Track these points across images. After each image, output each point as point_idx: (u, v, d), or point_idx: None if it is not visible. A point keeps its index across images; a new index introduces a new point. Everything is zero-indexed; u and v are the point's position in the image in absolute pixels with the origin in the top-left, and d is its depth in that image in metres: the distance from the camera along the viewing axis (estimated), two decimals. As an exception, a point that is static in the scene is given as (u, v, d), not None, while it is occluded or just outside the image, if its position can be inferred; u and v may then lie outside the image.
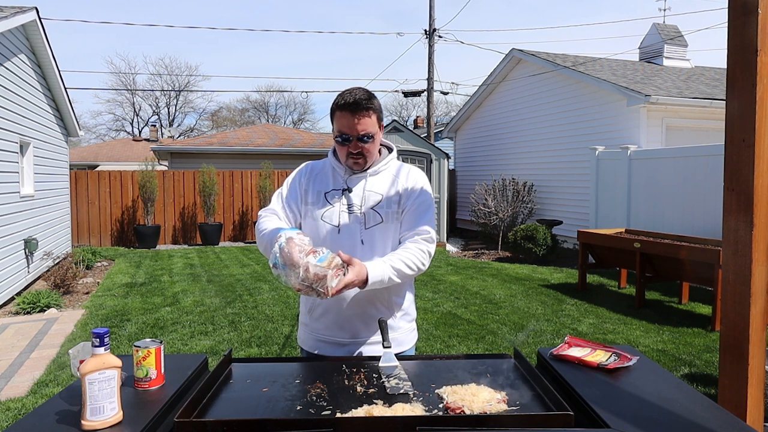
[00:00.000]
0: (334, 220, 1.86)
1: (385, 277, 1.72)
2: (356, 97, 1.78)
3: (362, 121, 1.79)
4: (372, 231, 1.84)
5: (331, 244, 1.82)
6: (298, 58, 66.17)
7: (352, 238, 1.84)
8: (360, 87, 1.84)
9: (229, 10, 62.95)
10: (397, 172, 1.93)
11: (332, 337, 1.91)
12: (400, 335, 1.92)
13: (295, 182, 1.97)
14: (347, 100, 1.78)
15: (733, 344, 1.68)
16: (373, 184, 1.88)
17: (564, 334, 4.99)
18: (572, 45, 62.71)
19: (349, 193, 1.87)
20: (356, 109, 1.77)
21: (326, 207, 1.87)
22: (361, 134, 1.79)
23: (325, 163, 1.98)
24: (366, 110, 1.79)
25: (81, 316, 6.08)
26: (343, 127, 1.80)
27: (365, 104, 1.78)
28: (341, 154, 1.86)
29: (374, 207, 1.85)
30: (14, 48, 7.47)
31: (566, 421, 1.23)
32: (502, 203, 10.99)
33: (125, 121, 42.77)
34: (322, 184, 1.92)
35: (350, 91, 1.81)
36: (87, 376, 1.23)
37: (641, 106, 9.20)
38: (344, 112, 1.78)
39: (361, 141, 1.80)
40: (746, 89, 1.60)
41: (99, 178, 12.39)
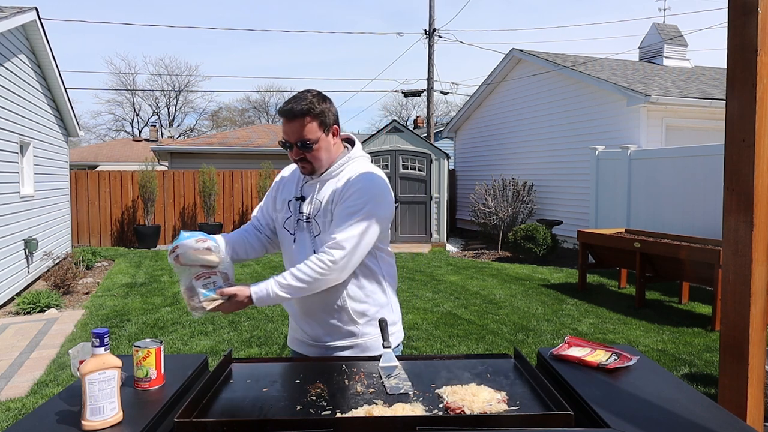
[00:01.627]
0: (291, 229, 1.87)
1: (270, 293, 1.68)
2: (292, 103, 1.73)
3: (298, 127, 1.74)
4: (319, 240, 1.81)
5: (290, 254, 1.87)
6: (298, 58, 66.21)
7: (305, 247, 1.83)
8: (308, 91, 1.78)
9: (229, 10, 62.98)
10: (347, 176, 1.81)
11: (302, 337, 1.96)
12: (368, 341, 1.88)
13: (272, 189, 2.00)
14: (283, 106, 1.74)
15: (733, 344, 1.68)
16: (322, 191, 1.83)
17: (564, 334, 4.99)
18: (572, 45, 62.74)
19: (301, 202, 1.85)
20: (290, 115, 1.74)
21: (287, 215, 1.88)
22: (299, 141, 1.75)
23: (296, 169, 1.94)
24: (301, 117, 1.72)
25: (81, 316, 6.08)
26: (283, 134, 1.78)
27: (298, 111, 1.72)
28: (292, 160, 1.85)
29: (316, 216, 1.82)
30: (14, 48, 7.47)
31: (566, 421, 1.23)
32: (502, 203, 10.99)
33: (125, 121, 42.81)
34: (288, 191, 1.92)
35: (294, 95, 1.77)
36: (87, 376, 1.23)
37: (641, 106, 9.20)
38: (282, 118, 1.77)
39: (301, 148, 1.76)
40: (746, 89, 1.60)
41: (99, 178, 12.39)
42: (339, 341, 1.88)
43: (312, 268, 1.69)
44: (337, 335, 1.87)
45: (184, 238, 1.67)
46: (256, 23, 68.09)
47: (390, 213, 1.83)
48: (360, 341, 1.88)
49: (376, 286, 1.88)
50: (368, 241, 1.75)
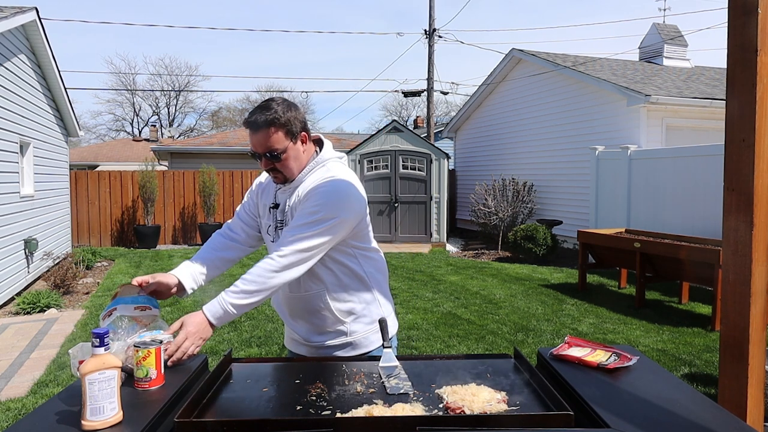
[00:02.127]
0: (271, 236, 1.88)
1: (226, 306, 1.68)
2: (256, 114, 1.71)
3: (264, 138, 1.71)
4: None
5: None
6: (298, 58, 66.21)
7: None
8: (272, 99, 1.75)
9: (229, 10, 62.98)
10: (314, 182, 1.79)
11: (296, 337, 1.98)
12: (357, 338, 1.91)
13: (252, 194, 1.97)
14: (248, 118, 1.72)
15: (733, 344, 1.68)
16: (293, 197, 1.82)
17: (564, 334, 4.99)
18: (572, 45, 62.75)
19: (276, 209, 1.85)
20: (255, 127, 1.71)
21: (269, 222, 1.88)
22: (266, 152, 1.73)
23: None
24: (266, 128, 1.70)
25: (81, 316, 6.08)
26: (251, 145, 1.76)
27: (263, 122, 1.69)
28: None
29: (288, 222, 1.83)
30: (14, 48, 7.47)
31: (566, 421, 1.23)
32: (502, 203, 10.99)
33: (125, 121, 42.81)
34: (267, 197, 1.91)
35: (259, 105, 1.74)
36: (87, 376, 1.23)
37: (641, 106, 9.20)
38: (248, 129, 1.75)
39: (270, 158, 1.74)
40: (746, 89, 1.60)
41: (99, 178, 12.39)
42: (331, 340, 1.90)
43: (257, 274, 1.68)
44: (327, 335, 1.90)
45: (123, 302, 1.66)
46: (256, 23, 68.13)
47: (354, 214, 1.78)
48: (350, 339, 1.90)
49: (359, 284, 1.89)
50: (317, 244, 1.70)
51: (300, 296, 1.87)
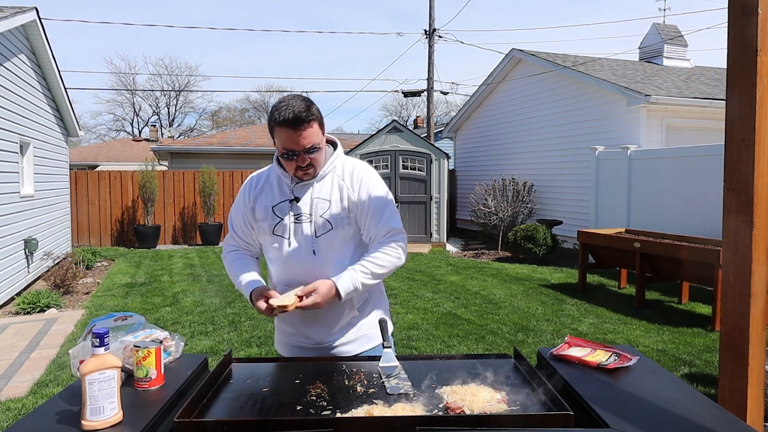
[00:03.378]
0: (285, 233, 1.83)
1: (357, 284, 1.75)
2: (295, 111, 1.69)
3: (306, 134, 1.71)
4: (322, 239, 1.81)
5: (285, 258, 1.84)
6: (298, 58, 66.22)
7: (303, 248, 1.82)
8: (296, 96, 1.77)
9: (229, 10, 62.98)
10: (342, 173, 1.86)
11: (300, 342, 1.93)
12: (369, 331, 1.93)
13: (240, 203, 1.93)
14: (286, 116, 1.69)
15: (733, 344, 1.68)
16: (320, 190, 1.83)
17: (564, 334, 4.99)
18: (572, 45, 62.75)
19: (296, 203, 1.83)
20: (298, 123, 1.69)
21: (276, 221, 1.84)
22: (307, 147, 1.73)
23: (270, 174, 1.91)
24: (308, 122, 1.71)
25: (81, 316, 6.08)
26: (287, 144, 1.73)
27: (306, 116, 1.70)
28: (289, 168, 1.81)
29: (323, 214, 1.81)
30: (14, 48, 7.47)
31: (566, 421, 1.23)
32: (502, 203, 10.99)
33: (125, 121, 42.81)
34: (268, 197, 1.87)
35: (286, 104, 1.71)
36: (87, 376, 1.23)
37: (641, 106, 9.20)
38: (285, 128, 1.70)
39: (308, 153, 1.75)
40: (746, 89, 1.60)
41: (99, 178, 12.39)
42: (343, 338, 1.89)
43: (388, 254, 1.81)
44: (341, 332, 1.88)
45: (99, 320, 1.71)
46: (256, 23, 68.14)
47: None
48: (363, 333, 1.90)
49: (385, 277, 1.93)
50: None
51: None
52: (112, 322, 1.68)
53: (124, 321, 1.70)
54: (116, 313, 1.75)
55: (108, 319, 1.71)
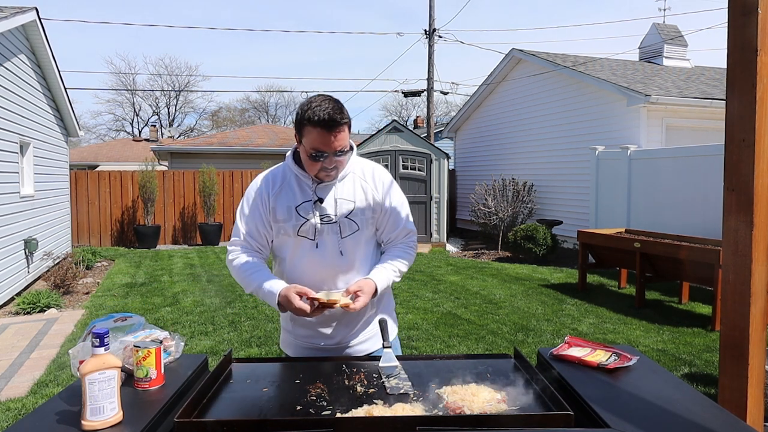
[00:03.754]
0: (310, 234, 1.81)
1: (390, 281, 1.82)
2: (330, 113, 1.67)
3: (338, 136, 1.70)
4: (348, 240, 1.82)
5: (309, 259, 1.82)
6: (298, 58, 66.20)
7: (330, 249, 1.81)
8: (328, 97, 1.75)
9: (229, 10, 62.98)
10: (362, 174, 1.88)
11: (316, 343, 1.90)
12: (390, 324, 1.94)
13: (259, 201, 1.85)
14: (321, 117, 1.66)
15: (733, 344, 1.68)
16: (342, 190, 1.83)
17: (564, 334, 4.99)
18: (572, 45, 62.74)
19: (321, 204, 1.81)
20: (333, 126, 1.67)
21: (300, 221, 1.80)
22: (337, 150, 1.72)
23: (285, 173, 1.87)
24: (341, 125, 1.70)
25: (81, 316, 6.08)
26: (318, 144, 1.70)
27: (340, 119, 1.69)
28: (311, 169, 1.77)
29: (348, 215, 1.81)
30: (14, 48, 7.46)
31: (566, 421, 1.23)
32: (502, 203, 10.99)
33: (125, 121, 42.81)
34: (289, 197, 1.83)
35: (319, 104, 1.69)
36: (87, 376, 1.23)
37: (641, 106, 9.20)
38: (319, 129, 1.67)
39: (336, 156, 1.74)
40: (746, 89, 1.60)
41: (99, 178, 12.39)
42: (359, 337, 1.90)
43: (409, 254, 1.91)
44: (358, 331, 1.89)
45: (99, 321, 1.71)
46: (256, 23, 68.13)
47: None
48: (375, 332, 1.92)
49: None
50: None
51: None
52: (111, 323, 1.68)
53: (124, 322, 1.70)
54: (116, 314, 1.75)
55: (108, 320, 1.71)
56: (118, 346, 1.54)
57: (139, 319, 1.74)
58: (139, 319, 1.74)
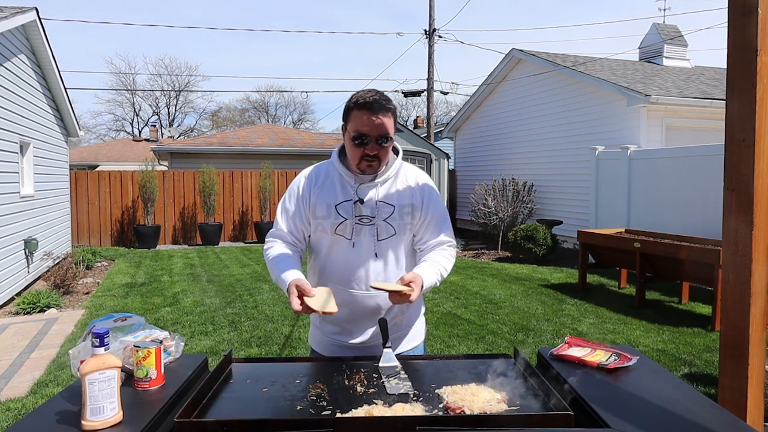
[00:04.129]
0: (347, 233, 1.81)
1: (433, 283, 1.80)
2: (375, 97, 1.72)
3: (382, 120, 1.72)
4: (385, 243, 1.82)
5: (345, 259, 1.82)
6: (298, 58, 66.20)
7: (366, 251, 1.81)
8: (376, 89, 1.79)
9: (229, 10, 62.97)
10: (405, 179, 1.88)
11: (342, 341, 1.90)
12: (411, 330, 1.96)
13: (301, 196, 1.87)
14: (366, 99, 1.72)
15: (733, 344, 1.68)
16: (384, 193, 1.83)
17: (564, 334, 4.99)
18: (572, 45, 62.76)
19: (360, 205, 1.81)
20: (377, 108, 1.71)
21: (339, 220, 1.81)
22: (380, 136, 1.73)
23: (329, 170, 1.88)
24: (386, 110, 1.73)
25: (81, 316, 6.08)
26: (361, 127, 1.72)
27: (385, 104, 1.73)
28: (354, 156, 1.77)
29: (387, 219, 1.81)
30: (14, 48, 7.46)
31: (566, 421, 1.23)
32: (502, 203, 10.99)
33: (125, 121, 42.81)
34: (330, 195, 1.83)
35: (366, 91, 1.75)
36: (87, 376, 1.23)
37: (641, 106, 9.20)
38: (364, 111, 1.72)
39: (379, 142, 1.74)
40: (746, 89, 1.60)
41: (99, 178, 12.39)
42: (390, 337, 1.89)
43: (450, 263, 1.88)
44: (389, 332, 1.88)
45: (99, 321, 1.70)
46: (256, 23, 68.13)
47: None
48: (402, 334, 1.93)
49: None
50: None
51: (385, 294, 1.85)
52: (111, 323, 1.68)
53: (124, 322, 1.70)
54: (116, 314, 1.75)
55: (107, 320, 1.71)
56: (118, 346, 1.54)
57: (139, 320, 1.74)
58: (139, 320, 1.74)
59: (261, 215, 13.01)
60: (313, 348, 2.01)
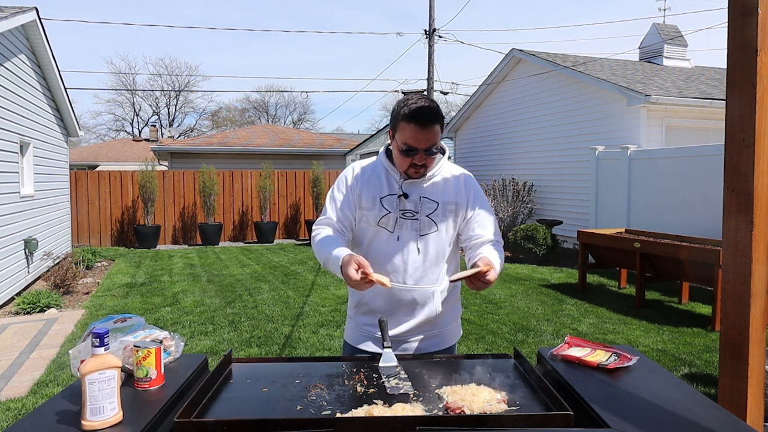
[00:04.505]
0: (389, 226, 1.84)
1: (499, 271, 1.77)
2: (425, 110, 1.72)
3: (430, 134, 1.73)
4: (426, 239, 1.84)
5: (386, 251, 1.84)
6: (298, 58, 66.22)
7: (408, 245, 1.83)
8: (425, 96, 1.79)
9: (229, 10, 62.97)
10: (451, 176, 1.90)
11: (375, 332, 1.90)
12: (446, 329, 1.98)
13: (349, 187, 1.90)
14: (417, 113, 1.71)
15: (733, 344, 1.67)
16: (429, 190, 1.85)
17: (564, 334, 4.99)
18: (572, 45, 62.75)
19: (405, 199, 1.83)
20: (426, 122, 1.72)
21: (383, 212, 1.84)
22: (428, 147, 1.75)
23: (376, 165, 1.92)
24: (435, 123, 1.73)
25: (81, 316, 6.08)
26: (409, 140, 1.74)
27: (434, 117, 1.73)
28: (401, 164, 1.80)
29: (430, 215, 1.83)
30: (14, 48, 7.46)
31: (566, 421, 1.23)
32: (502, 203, 10.99)
33: (125, 121, 42.81)
34: (376, 188, 1.87)
35: (415, 101, 1.74)
36: (87, 376, 1.23)
37: (641, 106, 9.20)
38: (413, 124, 1.72)
39: (426, 153, 1.76)
40: (746, 89, 1.60)
41: (99, 178, 12.39)
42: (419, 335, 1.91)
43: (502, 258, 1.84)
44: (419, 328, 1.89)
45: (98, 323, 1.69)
46: (256, 23, 68.13)
47: None
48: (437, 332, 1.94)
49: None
50: None
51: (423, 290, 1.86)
52: (111, 325, 1.68)
53: (124, 323, 1.70)
54: (115, 316, 1.75)
55: (106, 322, 1.71)
56: (118, 346, 1.54)
57: (139, 320, 1.74)
58: (139, 320, 1.74)
59: (261, 215, 13.01)
60: (346, 341, 2.04)
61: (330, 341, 4.99)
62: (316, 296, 6.91)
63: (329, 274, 8.40)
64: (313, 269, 8.88)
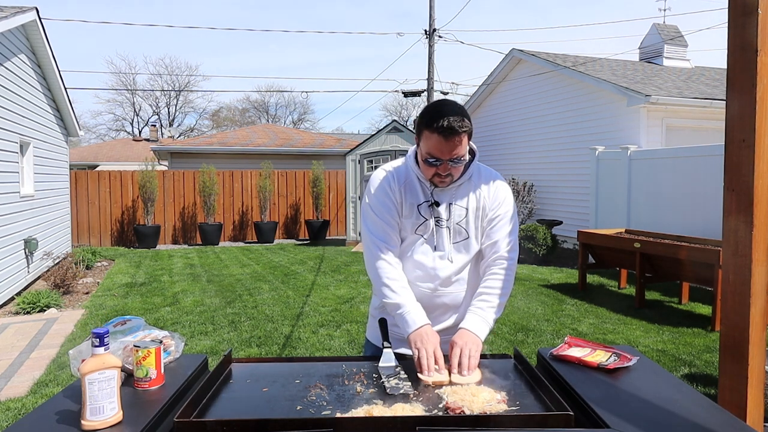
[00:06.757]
0: (426, 235, 1.82)
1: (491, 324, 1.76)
2: (451, 121, 1.64)
3: (455, 145, 1.67)
4: (457, 246, 1.83)
5: (418, 258, 1.83)
6: (298, 58, 66.20)
7: (441, 252, 1.82)
8: (452, 103, 1.73)
9: (229, 10, 62.97)
10: (480, 182, 1.85)
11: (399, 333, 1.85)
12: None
13: (390, 195, 1.83)
14: (441, 124, 1.64)
15: (733, 344, 1.67)
16: (458, 196, 1.82)
17: (564, 334, 4.99)
18: (572, 45, 62.77)
19: (437, 207, 1.81)
20: (450, 134, 1.65)
21: (420, 220, 1.81)
22: (452, 158, 1.69)
23: (409, 171, 1.86)
24: (460, 134, 1.66)
25: (81, 316, 6.08)
26: (433, 150, 1.68)
27: (459, 128, 1.65)
28: (427, 173, 1.76)
29: (459, 222, 1.82)
30: (14, 48, 7.46)
31: (566, 421, 1.23)
32: (502, 203, 10.98)
33: (125, 121, 42.80)
34: (414, 195, 1.82)
35: (441, 109, 1.67)
36: (87, 376, 1.23)
37: (641, 106, 9.20)
38: (436, 135, 1.66)
39: (451, 163, 1.71)
40: (746, 89, 1.60)
41: (99, 178, 12.39)
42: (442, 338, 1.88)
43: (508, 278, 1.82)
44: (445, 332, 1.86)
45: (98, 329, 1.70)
46: (256, 23, 68.11)
47: None
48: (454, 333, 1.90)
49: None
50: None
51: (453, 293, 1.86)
52: (111, 328, 1.67)
53: (123, 326, 1.69)
54: (114, 320, 1.74)
55: (107, 326, 1.70)
56: (118, 346, 1.54)
57: (139, 321, 1.74)
58: (139, 321, 1.74)
59: (261, 215, 13.01)
60: (368, 339, 2.03)
61: (330, 341, 4.99)
62: (316, 296, 6.91)
63: (329, 274, 8.40)
64: (313, 269, 8.88)
